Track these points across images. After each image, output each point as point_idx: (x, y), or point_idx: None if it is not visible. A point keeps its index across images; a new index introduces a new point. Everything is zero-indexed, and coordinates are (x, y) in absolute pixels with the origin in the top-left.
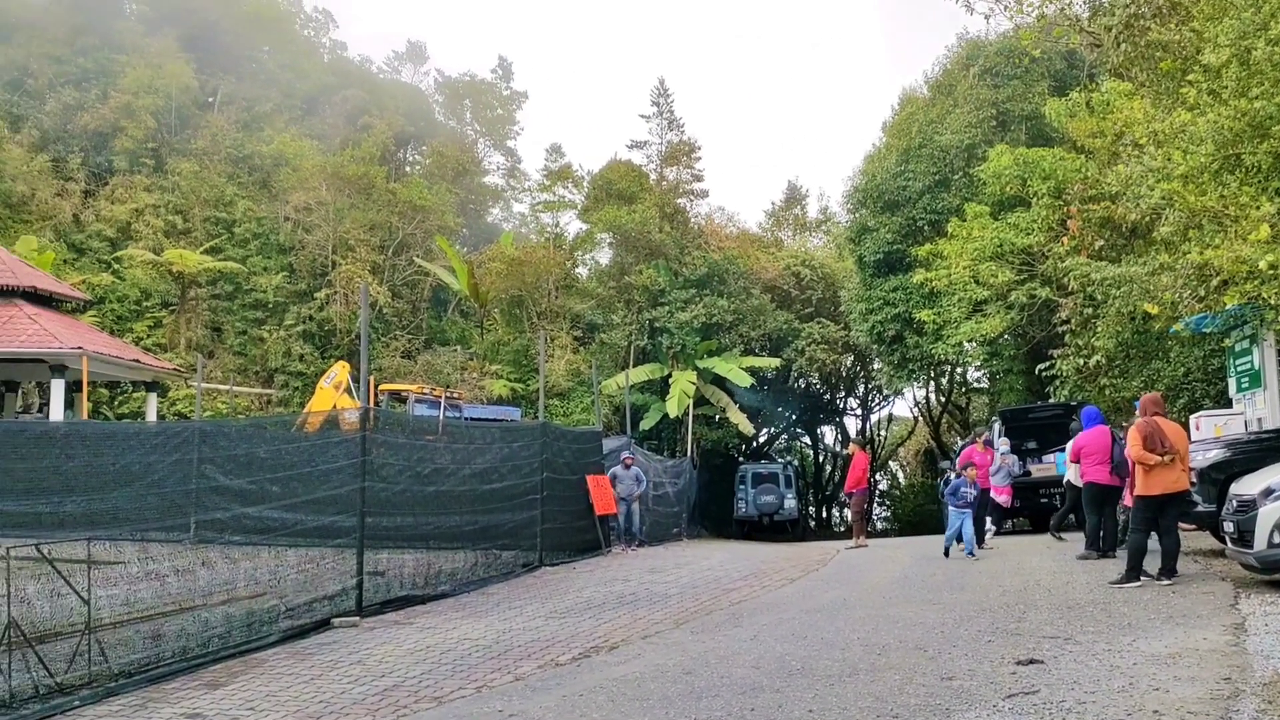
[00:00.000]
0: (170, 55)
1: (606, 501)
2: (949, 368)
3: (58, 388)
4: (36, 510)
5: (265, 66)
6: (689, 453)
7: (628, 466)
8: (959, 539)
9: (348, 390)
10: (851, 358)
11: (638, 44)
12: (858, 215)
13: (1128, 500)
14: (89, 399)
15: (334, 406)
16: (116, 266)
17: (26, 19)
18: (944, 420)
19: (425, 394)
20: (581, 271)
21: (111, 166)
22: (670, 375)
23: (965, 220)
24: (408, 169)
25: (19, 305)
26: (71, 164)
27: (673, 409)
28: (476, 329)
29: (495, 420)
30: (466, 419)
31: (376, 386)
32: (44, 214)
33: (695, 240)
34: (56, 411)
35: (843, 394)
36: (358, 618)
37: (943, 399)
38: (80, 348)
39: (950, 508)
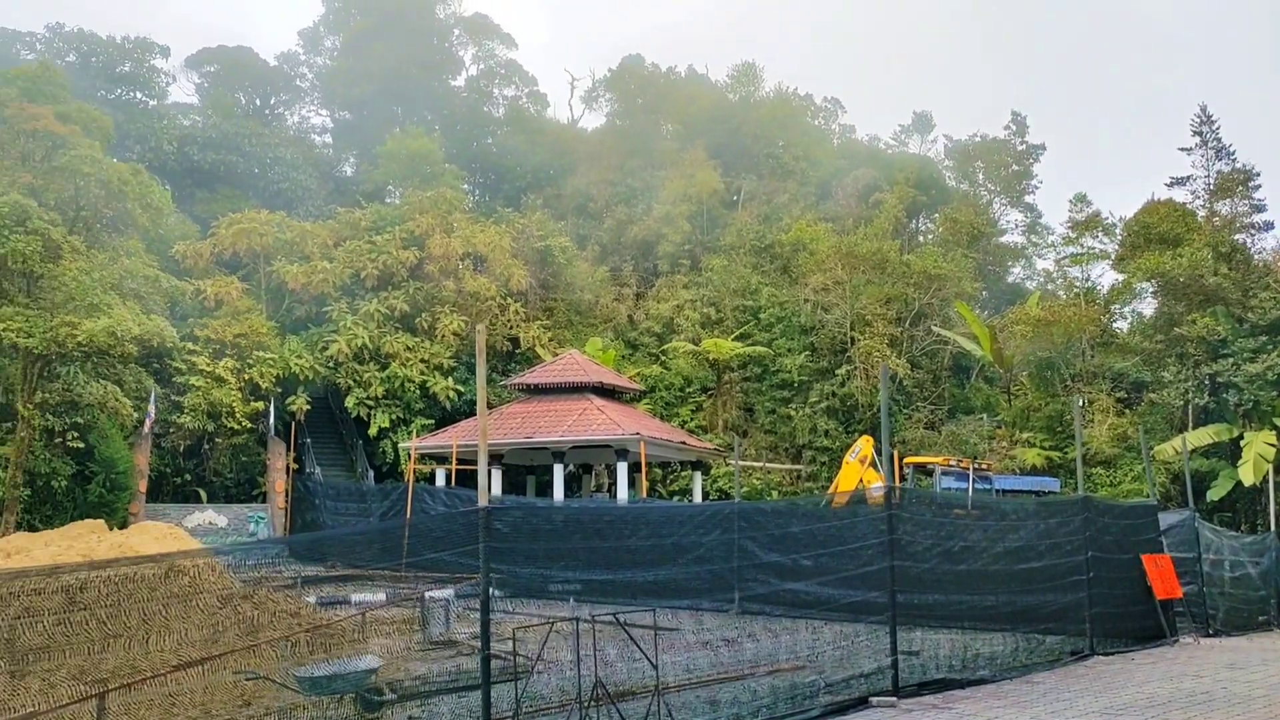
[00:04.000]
0: (700, 165)
1: (1169, 584)
2: None
3: (622, 470)
4: (614, 580)
5: (781, 161)
6: (1272, 526)
7: None
8: None
9: (873, 464)
10: None
11: (1168, 76)
12: None
13: None
14: (645, 478)
15: (860, 482)
16: (663, 358)
17: (587, 152)
18: None
19: (951, 466)
20: (1121, 326)
21: (656, 269)
22: (1241, 437)
23: None
24: (921, 238)
25: (590, 399)
26: (625, 271)
27: (1247, 476)
28: (1003, 395)
29: (1031, 492)
30: (998, 491)
31: (901, 460)
32: (605, 317)
33: (1261, 280)
34: (622, 491)
35: None
36: (894, 698)
37: None
38: (639, 433)
39: None
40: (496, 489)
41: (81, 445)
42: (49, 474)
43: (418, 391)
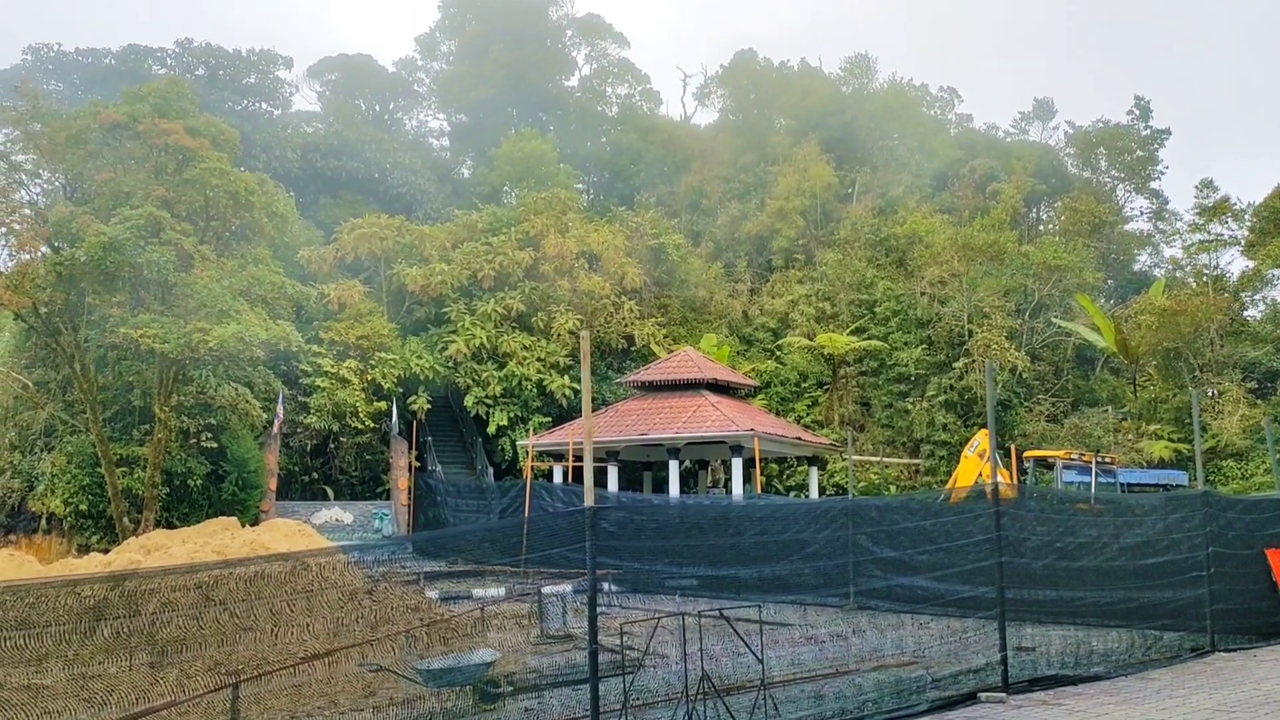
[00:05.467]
0: (813, 159)
1: None
2: None
3: (736, 465)
4: (728, 576)
5: (896, 153)
6: None
7: None
8: None
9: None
10: None
11: None
12: None
13: None
14: (761, 474)
15: (979, 476)
16: (778, 353)
17: (700, 149)
18: None
19: (1073, 459)
20: (1252, 314)
21: (770, 265)
22: None
23: None
24: (1041, 228)
25: (704, 395)
26: (739, 267)
27: None
28: (1129, 386)
29: (1158, 486)
30: (1122, 485)
31: (1021, 454)
32: (720, 313)
33: None
34: (737, 486)
35: None
36: (1003, 694)
37: None
38: (753, 429)
39: None
40: (613, 485)
41: (215, 445)
42: (185, 473)
43: (535, 390)
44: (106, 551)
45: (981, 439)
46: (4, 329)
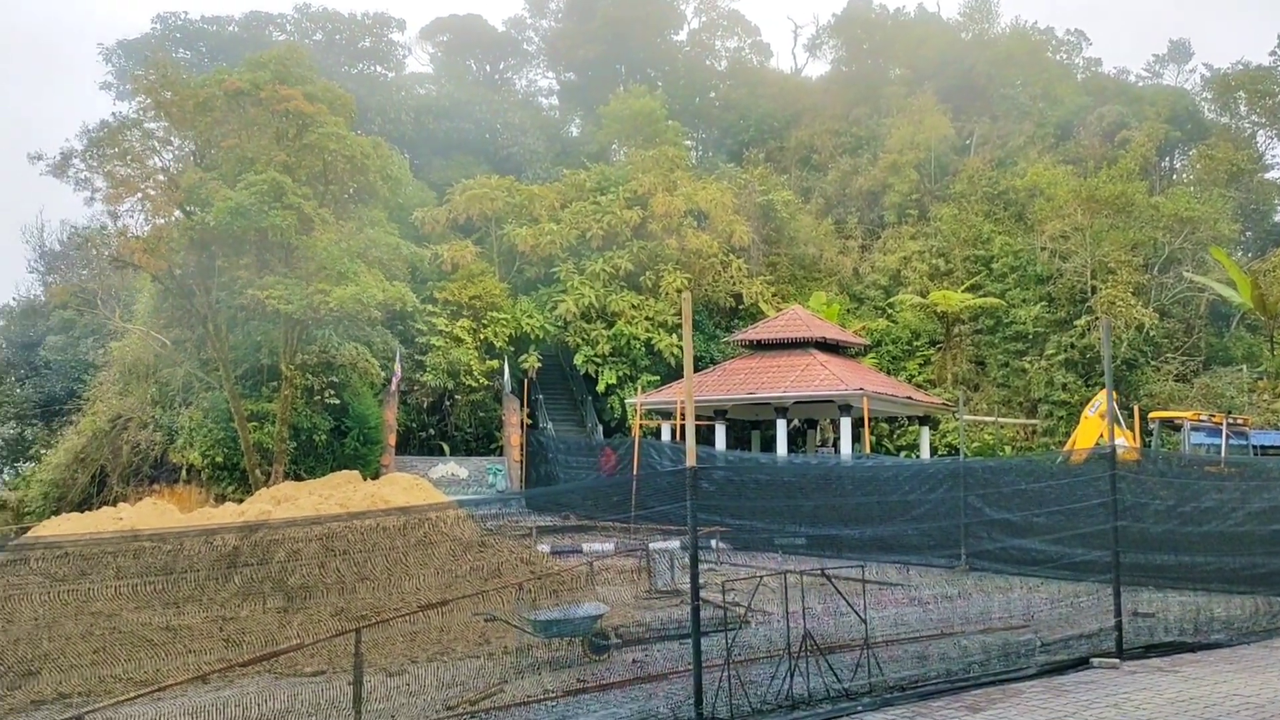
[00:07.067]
0: (928, 110)
1: None
2: None
3: (845, 425)
4: (836, 535)
5: (1017, 101)
6: None
7: None
8: None
9: (1116, 420)
10: None
11: None
12: None
13: None
14: (871, 433)
15: (1099, 438)
16: (890, 311)
17: (810, 102)
18: None
19: (1202, 421)
20: None
21: (882, 220)
22: None
23: None
24: (1174, 178)
25: (813, 354)
26: (850, 223)
27: None
28: (1266, 344)
29: None
30: (1254, 447)
31: (1146, 415)
32: (830, 270)
33: None
34: (846, 446)
35: None
36: (1117, 659)
37: None
38: (862, 388)
39: None
40: (721, 444)
41: (337, 402)
42: (310, 429)
43: (643, 348)
44: (240, 501)
45: (1103, 399)
46: (143, 290)
